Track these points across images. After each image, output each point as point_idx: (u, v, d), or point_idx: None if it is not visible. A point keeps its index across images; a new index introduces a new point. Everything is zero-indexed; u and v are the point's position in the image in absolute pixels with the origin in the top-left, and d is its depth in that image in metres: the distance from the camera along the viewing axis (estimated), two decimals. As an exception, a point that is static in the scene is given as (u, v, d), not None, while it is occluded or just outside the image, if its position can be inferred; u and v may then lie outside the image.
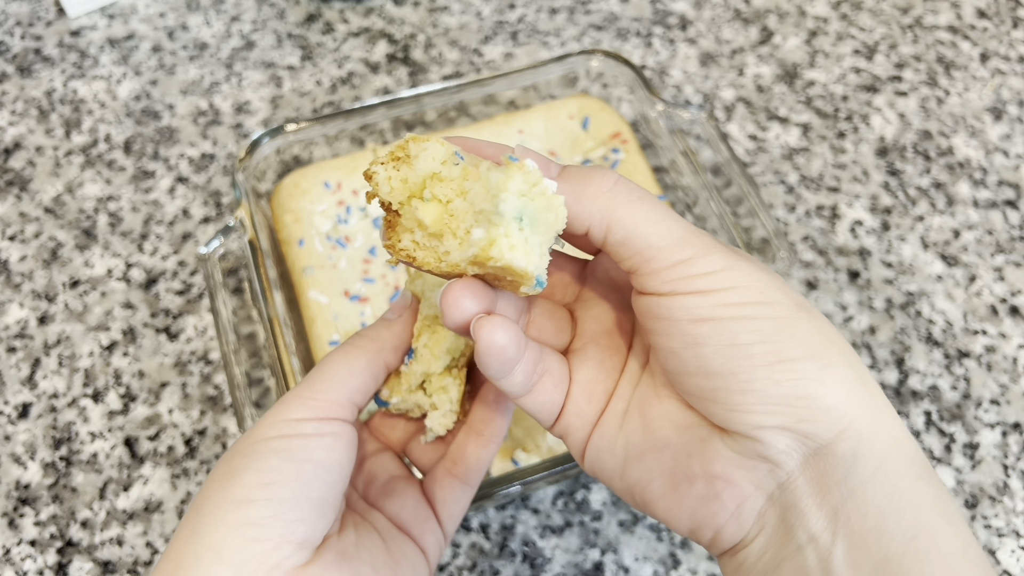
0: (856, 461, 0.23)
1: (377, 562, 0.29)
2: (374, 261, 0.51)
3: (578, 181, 0.25)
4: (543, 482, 0.42)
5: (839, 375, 0.23)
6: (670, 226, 0.24)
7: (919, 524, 0.22)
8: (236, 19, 0.68)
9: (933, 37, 0.71)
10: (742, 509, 0.24)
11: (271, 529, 0.25)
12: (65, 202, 0.57)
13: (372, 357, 0.30)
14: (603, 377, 0.28)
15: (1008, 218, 0.60)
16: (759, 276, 0.24)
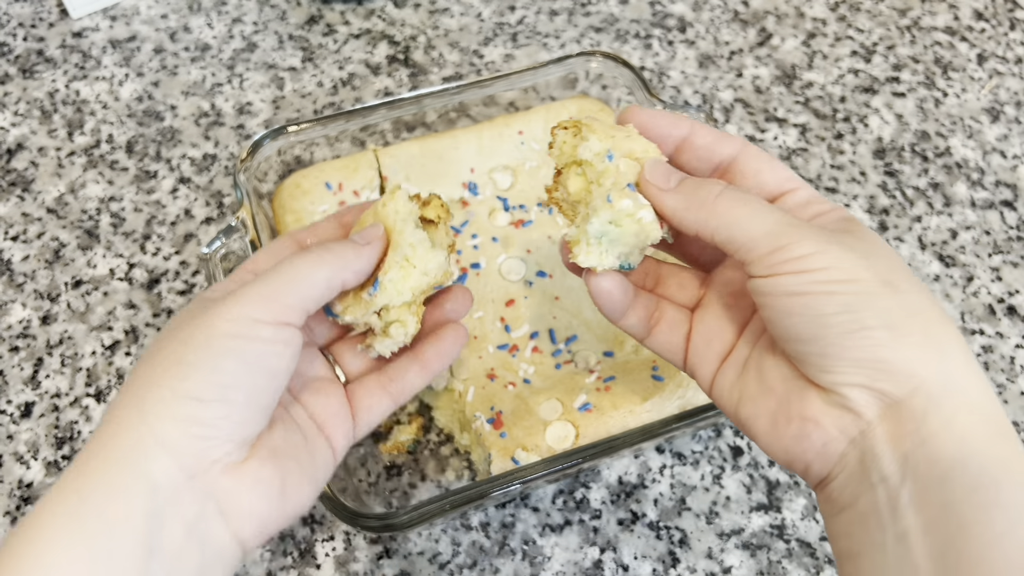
0: (927, 416, 0.26)
1: (300, 457, 0.31)
2: None
3: (688, 194, 0.31)
4: (543, 481, 0.42)
5: (912, 342, 0.27)
6: (765, 219, 0.29)
7: (983, 477, 0.25)
8: (238, 21, 0.68)
9: (931, 38, 0.71)
10: (827, 448, 0.28)
11: (218, 429, 0.27)
12: (68, 202, 0.58)
13: (333, 273, 0.32)
14: (723, 329, 0.34)
15: (1005, 218, 0.61)
16: (848, 256, 0.28)
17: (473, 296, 0.39)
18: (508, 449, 0.44)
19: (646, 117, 0.34)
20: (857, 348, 0.27)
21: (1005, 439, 0.26)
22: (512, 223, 0.54)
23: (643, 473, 0.48)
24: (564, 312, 0.50)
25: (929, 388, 0.26)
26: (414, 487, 0.47)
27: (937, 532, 0.25)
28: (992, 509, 0.24)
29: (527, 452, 0.44)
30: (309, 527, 0.46)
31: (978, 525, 0.24)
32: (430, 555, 0.45)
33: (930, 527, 0.25)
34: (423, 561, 0.45)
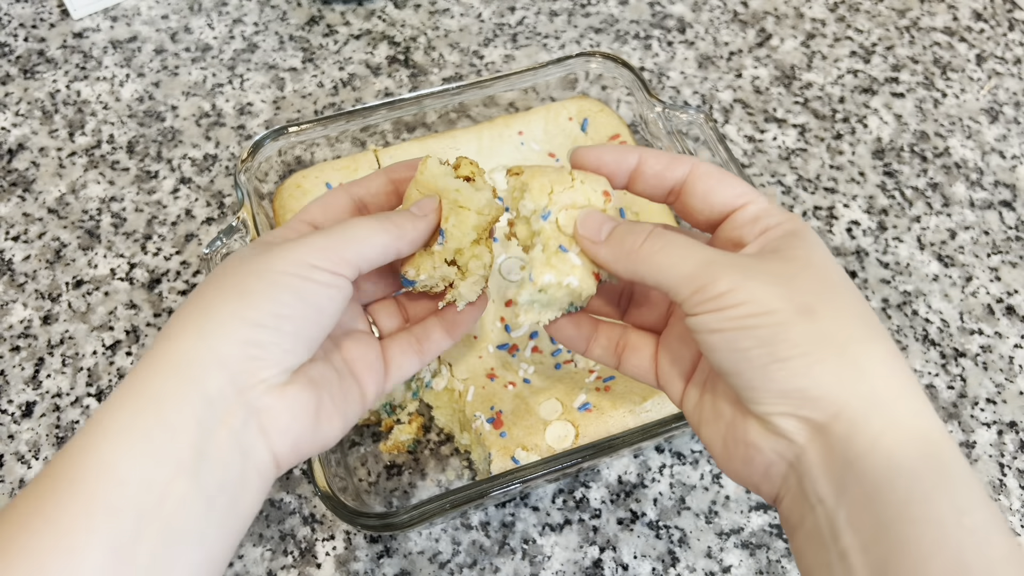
0: (852, 438, 0.27)
1: (334, 392, 0.34)
2: None
3: (617, 244, 0.33)
4: (542, 480, 0.43)
5: (828, 368, 0.27)
6: (686, 262, 0.30)
7: (913, 493, 0.25)
8: (238, 21, 0.68)
9: (930, 39, 0.71)
10: (771, 472, 0.30)
11: (270, 353, 0.30)
12: (69, 203, 0.58)
13: (391, 240, 0.34)
14: (684, 352, 0.35)
15: (1004, 218, 0.61)
16: (765, 288, 0.28)
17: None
18: (508, 449, 0.44)
19: (593, 157, 0.35)
20: (777, 380, 0.28)
21: (934, 453, 0.26)
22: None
23: (643, 472, 0.48)
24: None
25: (851, 411, 0.27)
26: (414, 487, 0.47)
27: (873, 551, 0.25)
28: (923, 524, 0.25)
29: (527, 452, 0.44)
30: (309, 526, 0.46)
31: (911, 542, 0.25)
32: (430, 554, 0.45)
33: (867, 546, 0.26)
34: (423, 560, 0.45)
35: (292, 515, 0.46)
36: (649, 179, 0.35)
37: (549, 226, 0.34)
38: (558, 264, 0.34)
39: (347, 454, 0.47)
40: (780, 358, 0.27)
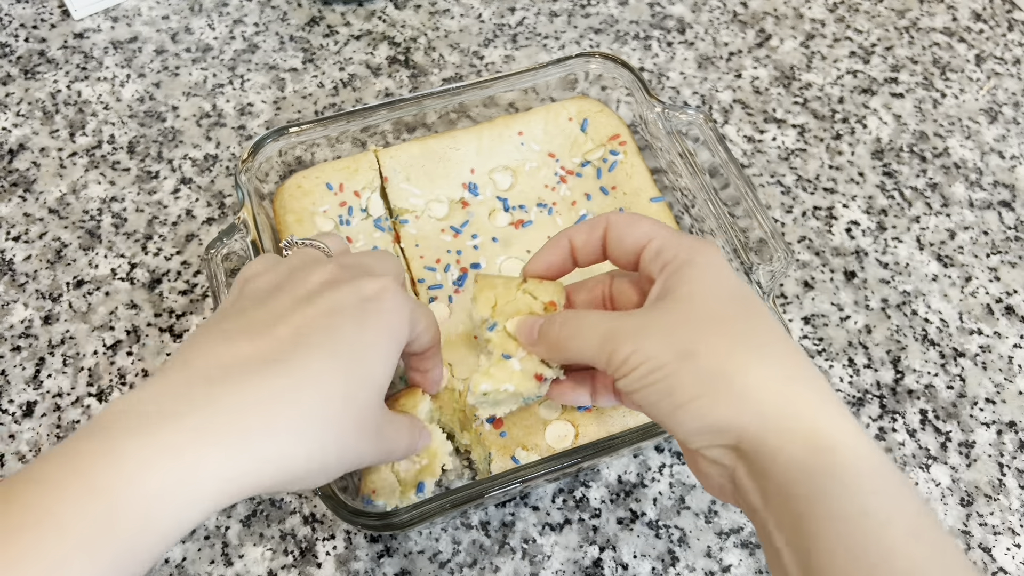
0: (759, 456, 0.30)
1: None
2: None
3: (543, 341, 0.37)
4: (542, 480, 0.43)
5: (720, 400, 0.31)
6: (591, 340, 0.34)
7: (814, 492, 0.28)
8: (239, 22, 0.68)
9: (929, 39, 0.71)
10: (724, 489, 0.33)
11: None
12: (69, 203, 0.58)
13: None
14: None
15: (1003, 219, 0.61)
16: (654, 344, 0.32)
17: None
18: (508, 448, 0.45)
19: (536, 264, 0.40)
20: (687, 422, 0.31)
21: (827, 453, 0.29)
22: (512, 223, 0.54)
23: (642, 472, 0.48)
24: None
25: (750, 435, 0.30)
26: (414, 486, 0.47)
27: (795, 547, 0.29)
28: (826, 520, 0.28)
29: (527, 451, 0.44)
30: (310, 526, 0.46)
31: (819, 536, 0.28)
32: (430, 554, 0.45)
33: (791, 543, 0.29)
34: (423, 560, 0.45)
35: (292, 515, 0.46)
36: (583, 253, 0.39)
37: (496, 336, 0.39)
38: (497, 373, 0.38)
39: (347, 454, 0.47)
40: (681, 404, 0.31)
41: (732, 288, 0.33)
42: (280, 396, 0.28)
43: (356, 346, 0.31)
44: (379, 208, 0.54)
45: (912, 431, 0.51)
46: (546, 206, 0.55)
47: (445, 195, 0.55)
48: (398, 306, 0.34)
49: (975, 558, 0.47)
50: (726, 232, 0.50)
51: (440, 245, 0.53)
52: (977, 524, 0.48)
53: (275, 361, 0.29)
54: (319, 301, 0.32)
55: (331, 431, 0.30)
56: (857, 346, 0.54)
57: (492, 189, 0.55)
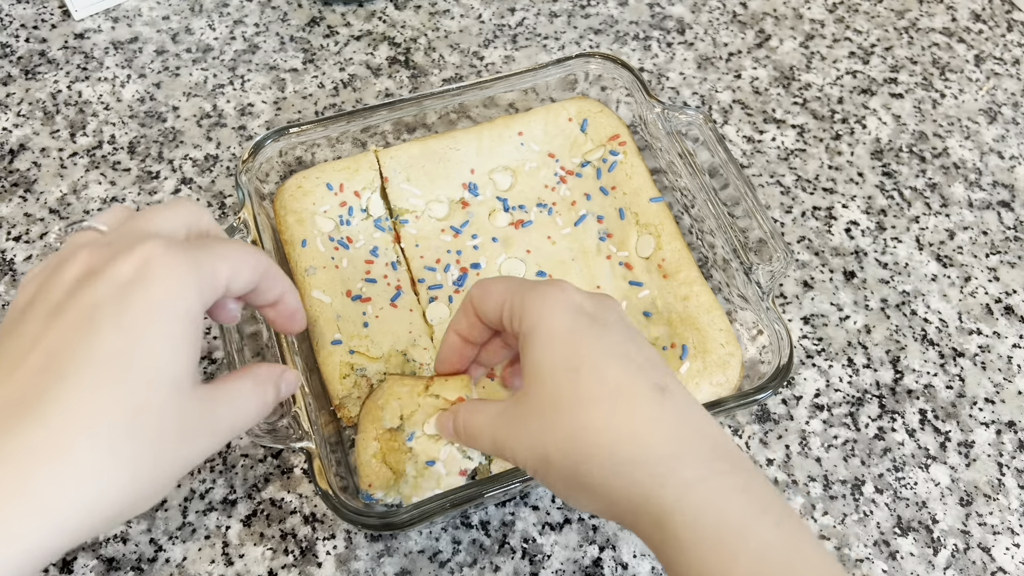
0: (638, 531, 0.32)
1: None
2: (376, 262, 0.52)
3: (455, 432, 0.38)
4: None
5: (583, 499, 0.33)
6: (485, 434, 0.35)
7: (668, 562, 0.30)
8: (239, 22, 0.69)
9: (928, 40, 0.71)
10: None
11: None
12: (70, 203, 0.58)
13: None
14: None
15: (1003, 219, 0.61)
16: (525, 455, 0.33)
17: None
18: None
19: (441, 366, 0.41)
20: (578, 507, 0.33)
21: (663, 526, 0.30)
22: (512, 223, 0.54)
23: (642, 472, 0.48)
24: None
25: (618, 517, 0.32)
26: (415, 486, 0.47)
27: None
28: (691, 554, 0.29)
29: None
30: (310, 526, 0.46)
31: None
32: (430, 553, 0.45)
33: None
34: (423, 559, 0.45)
35: (293, 514, 0.46)
36: (479, 337, 0.39)
37: (417, 444, 0.40)
38: (425, 484, 0.40)
39: (348, 454, 0.47)
40: (563, 496, 0.33)
41: (564, 357, 0.32)
42: (42, 452, 0.24)
43: (124, 349, 0.26)
44: (379, 208, 0.54)
45: (911, 431, 0.51)
46: (546, 206, 0.55)
47: (445, 195, 0.55)
48: (169, 273, 0.27)
49: (974, 558, 0.47)
50: (725, 232, 0.50)
51: (440, 245, 0.53)
52: (976, 524, 0.48)
53: (27, 406, 0.24)
54: (70, 308, 0.26)
55: (125, 463, 0.25)
56: (856, 346, 0.54)
57: (492, 189, 0.55)
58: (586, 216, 0.54)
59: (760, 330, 0.48)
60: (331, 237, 0.52)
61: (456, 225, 0.54)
